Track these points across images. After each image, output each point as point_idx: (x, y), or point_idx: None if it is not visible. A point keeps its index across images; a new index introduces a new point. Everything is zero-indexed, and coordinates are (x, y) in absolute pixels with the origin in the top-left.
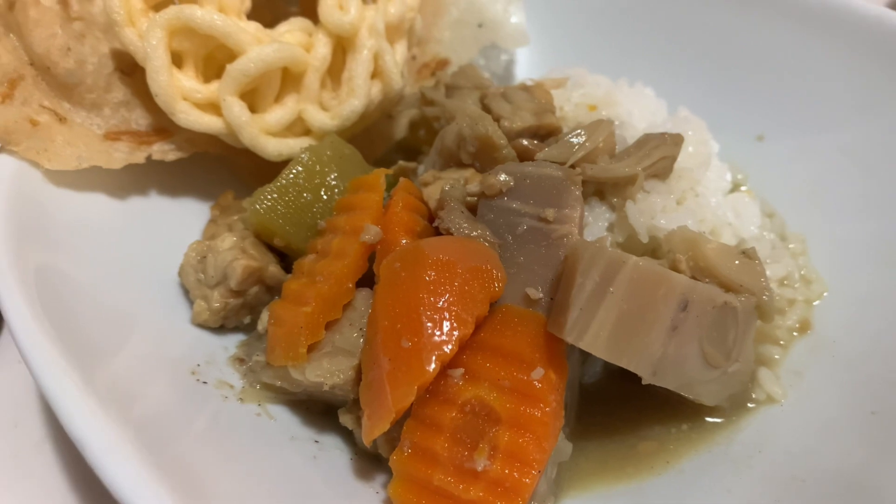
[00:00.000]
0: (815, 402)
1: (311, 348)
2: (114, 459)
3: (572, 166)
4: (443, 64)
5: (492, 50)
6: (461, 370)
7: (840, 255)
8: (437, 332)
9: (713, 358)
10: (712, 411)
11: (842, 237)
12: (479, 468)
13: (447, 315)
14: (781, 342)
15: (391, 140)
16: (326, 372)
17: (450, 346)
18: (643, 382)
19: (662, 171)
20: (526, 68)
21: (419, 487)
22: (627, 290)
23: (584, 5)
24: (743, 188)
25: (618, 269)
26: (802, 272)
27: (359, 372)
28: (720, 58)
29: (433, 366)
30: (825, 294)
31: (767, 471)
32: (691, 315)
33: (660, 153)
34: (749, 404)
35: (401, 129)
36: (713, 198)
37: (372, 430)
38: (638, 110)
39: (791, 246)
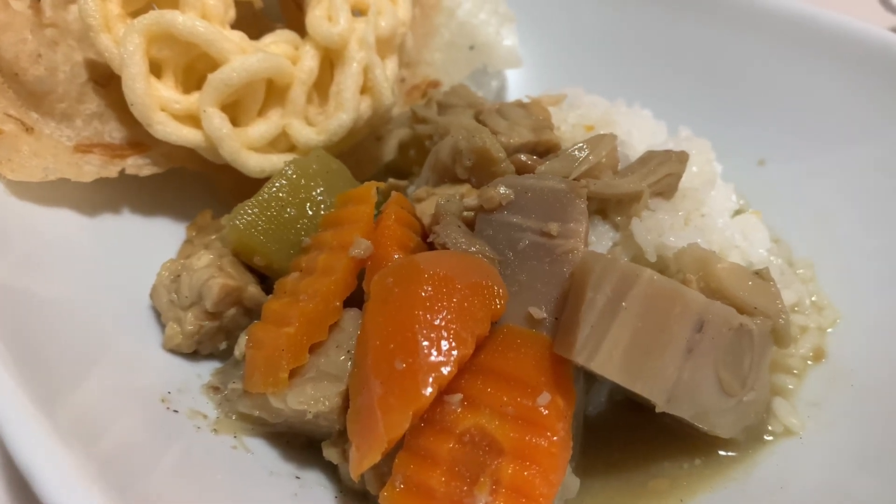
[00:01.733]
0: (835, 435)
1: (292, 373)
2: (74, 499)
3: (575, 181)
4: (433, 85)
5: (482, 75)
6: (459, 396)
7: (850, 281)
8: (435, 353)
9: (729, 385)
10: (726, 444)
11: (850, 262)
12: None
13: (445, 334)
14: (795, 371)
15: (380, 162)
16: (310, 399)
17: (448, 368)
18: (657, 410)
19: (667, 188)
20: (517, 93)
21: None
22: (642, 306)
23: (577, 28)
24: (748, 211)
25: (632, 284)
26: (813, 298)
27: (346, 399)
28: (718, 81)
29: (430, 389)
30: (838, 321)
31: None
32: (707, 336)
33: (665, 170)
34: (765, 437)
35: (390, 150)
36: (720, 219)
37: (361, 462)
38: (637, 131)
39: (799, 271)
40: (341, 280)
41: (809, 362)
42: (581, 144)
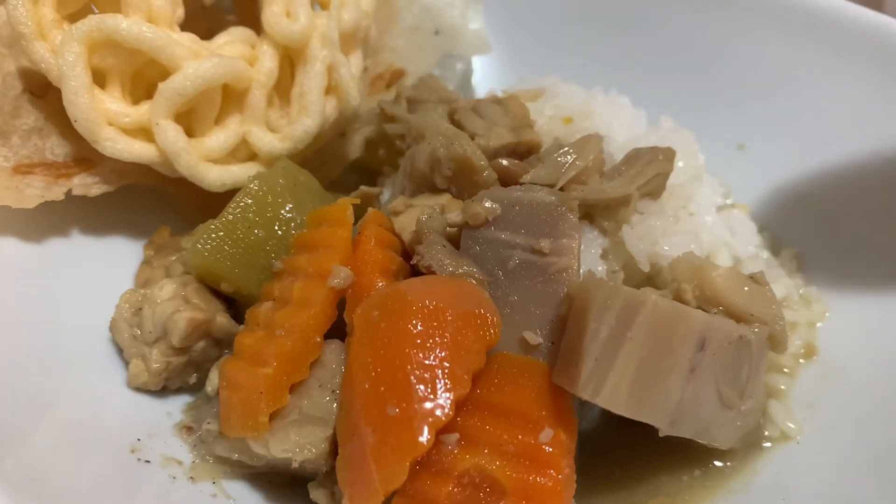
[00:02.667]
0: (835, 438)
1: (273, 415)
2: None
3: (562, 188)
4: (398, 75)
5: (446, 58)
6: (456, 435)
7: (838, 271)
8: (430, 395)
9: (728, 398)
10: (724, 454)
11: (838, 251)
12: None
13: (439, 373)
14: (786, 370)
15: (345, 160)
16: (295, 446)
17: (445, 411)
18: (661, 434)
19: (656, 189)
20: (486, 78)
21: None
22: (647, 334)
23: (547, 10)
24: (728, 201)
25: (636, 312)
26: (801, 291)
27: (333, 443)
28: (695, 62)
29: (427, 437)
30: (827, 315)
31: None
32: (708, 354)
33: (653, 170)
34: (763, 443)
35: (355, 147)
36: (707, 216)
37: None
38: (617, 122)
39: (785, 263)
40: (321, 313)
41: (801, 360)
42: (567, 149)
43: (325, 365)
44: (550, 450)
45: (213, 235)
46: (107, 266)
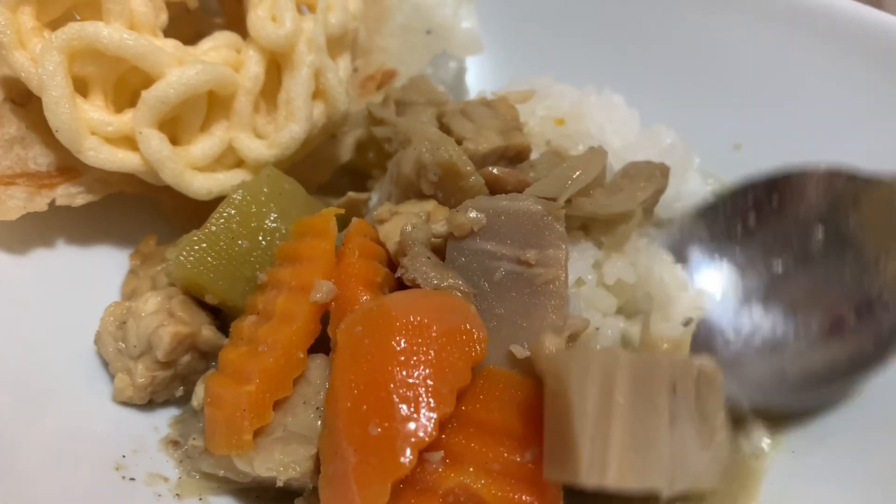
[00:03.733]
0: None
1: (258, 433)
2: None
3: (568, 201)
4: (389, 75)
5: (440, 58)
6: (440, 453)
7: None
8: (413, 415)
9: (704, 437)
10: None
11: None
12: None
13: (423, 392)
14: None
15: (336, 163)
16: (279, 465)
17: (428, 431)
18: (664, 499)
19: (652, 205)
20: (479, 77)
21: None
22: (631, 394)
23: (539, 8)
24: None
25: (615, 373)
26: None
27: (318, 460)
28: (691, 62)
29: (409, 457)
30: None
31: None
32: (680, 398)
33: (653, 187)
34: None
35: (346, 150)
36: None
37: None
38: (610, 124)
39: None
40: (303, 328)
41: None
42: (572, 164)
43: (310, 381)
44: (535, 468)
45: (196, 247)
46: (92, 277)
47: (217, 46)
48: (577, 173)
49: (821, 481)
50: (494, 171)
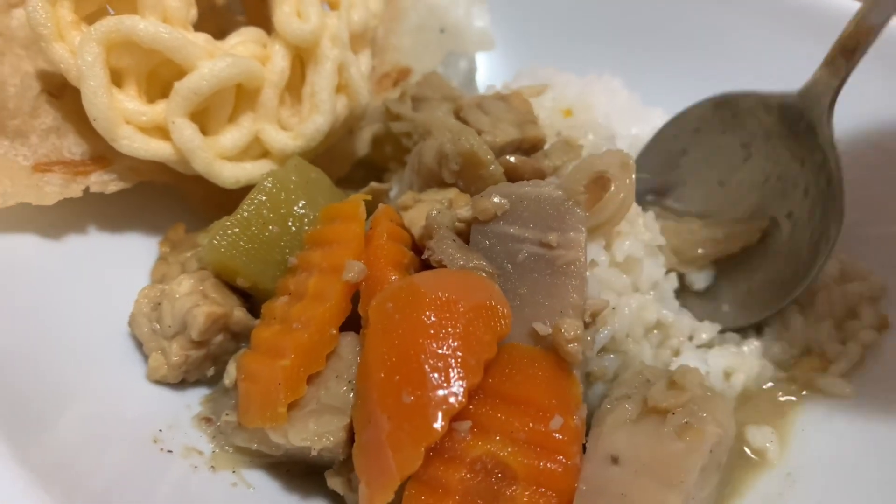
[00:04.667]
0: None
1: (291, 406)
2: None
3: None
4: (405, 73)
5: (450, 56)
6: (468, 423)
7: None
8: (444, 384)
9: (709, 487)
10: None
11: None
12: None
13: (453, 362)
14: None
15: (353, 157)
16: (313, 434)
17: (458, 399)
18: None
19: None
20: (489, 73)
21: None
22: None
23: (545, 3)
24: None
25: None
26: None
27: (350, 432)
28: (690, 53)
29: (441, 423)
30: None
31: None
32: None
33: None
34: None
35: (363, 145)
36: None
37: (373, 500)
38: (614, 112)
39: None
40: (336, 307)
41: None
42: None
43: (341, 356)
44: (560, 437)
45: (229, 232)
46: (123, 262)
47: (244, 41)
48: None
49: None
50: (512, 159)
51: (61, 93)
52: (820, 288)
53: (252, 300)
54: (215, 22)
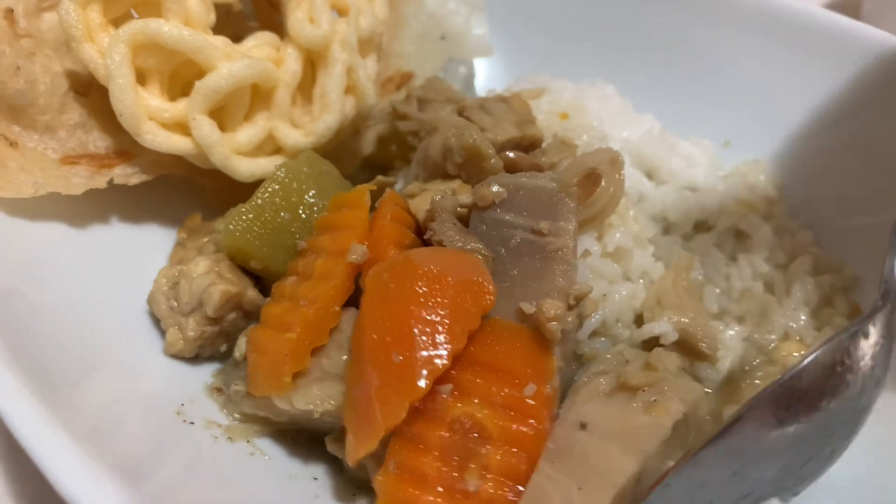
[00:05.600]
0: None
1: (296, 376)
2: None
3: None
4: (407, 77)
5: (449, 63)
6: (450, 386)
7: None
8: (430, 346)
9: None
10: None
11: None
12: (471, 489)
13: (440, 329)
14: None
15: (359, 156)
16: (316, 399)
17: (442, 361)
18: None
19: None
20: (484, 80)
21: None
22: None
23: (542, 13)
24: None
25: None
26: None
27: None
28: (683, 63)
29: (426, 381)
30: None
31: None
32: (647, 476)
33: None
34: None
35: (368, 144)
36: None
37: (358, 449)
38: (607, 115)
39: None
40: (340, 285)
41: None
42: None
43: (343, 330)
44: (533, 402)
45: (244, 217)
46: (143, 247)
47: (259, 45)
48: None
49: None
50: (511, 155)
51: (87, 91)
52: (796, 279)
53: (263, 282)
54: (231, 27)
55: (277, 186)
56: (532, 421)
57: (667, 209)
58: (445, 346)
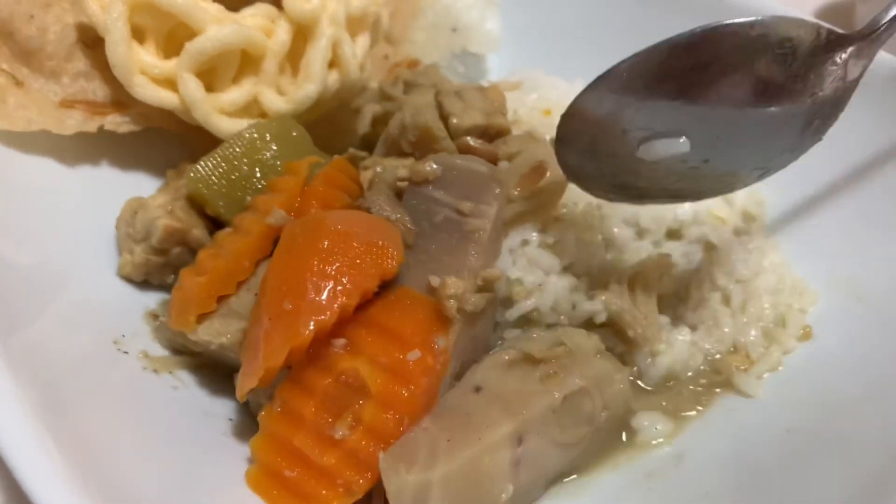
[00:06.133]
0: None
1: (205, 315)
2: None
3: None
4: (414, 64)
5: (470, 57)
6: (343, 340)
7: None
8: (319, 298)
9: (573, 438)
10: None
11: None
12: (338, 436)
13: (332, 284)
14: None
15: (355, 134)
16: (216, 332)
17: (328, 314)
18: None
19: None
20: (499, 74)
21: (279, 445)
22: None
23: (559, 12)
24: None
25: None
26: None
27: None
28: None
29: (310, 329)
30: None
31: None
32: (531, 439)
33: None
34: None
35: (364, 124)
36: None
37: (243, 385)
38: None
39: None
40: (251, 243)
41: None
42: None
43: (256, 275)
44: (413, 368)
45: (205, 166)
46: (127, 190)
47: (255, 14)
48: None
49: None
50: (470, 140)
51: (95, 44)
52: (753, 295)
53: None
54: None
55: (241, 143)
56: (411, 385)
57: (639, 214)
58: (335, 300)
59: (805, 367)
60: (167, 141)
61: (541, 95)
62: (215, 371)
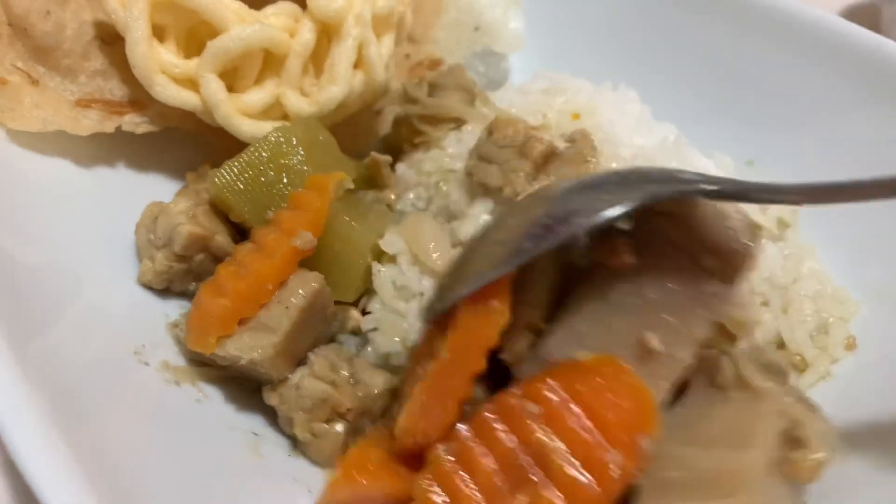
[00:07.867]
0: None
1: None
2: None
3: None
4: (436, 64)
5: (491, 56)
6: (538, 409)
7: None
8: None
9: None
10: None
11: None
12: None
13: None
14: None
15: (376, 135)
16: (246, 347)
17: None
18: None
19: None
20: (521, 74)
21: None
22: None
23: (583, 12)
24: None
25: None
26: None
27: (278, 350)
28: (709, 78)
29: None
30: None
31: None
32: None
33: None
34: None
35: (386, 125)
36: None
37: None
38: (620, 118)
39: None
40: (275, 265)
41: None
42: None
43: (288, 287)
44: (611, 474)
45: (228, 171)
46: (144, 193)
47: (278, 13)
48: None
49: None
50: None
51: (113, 41)
52: (794, 300)
53: (246, 234)
54: None
55: (266, 146)
56: (599, 490)
57: None
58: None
59: (853, 378)
60: (184, 142)
61: (568, 98)
62: (240, 385)
